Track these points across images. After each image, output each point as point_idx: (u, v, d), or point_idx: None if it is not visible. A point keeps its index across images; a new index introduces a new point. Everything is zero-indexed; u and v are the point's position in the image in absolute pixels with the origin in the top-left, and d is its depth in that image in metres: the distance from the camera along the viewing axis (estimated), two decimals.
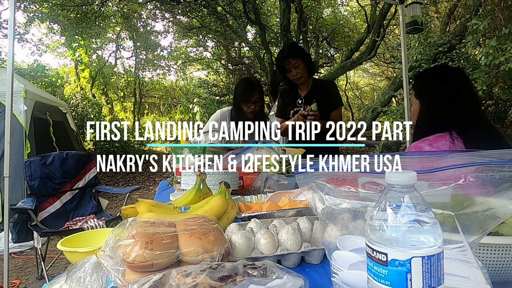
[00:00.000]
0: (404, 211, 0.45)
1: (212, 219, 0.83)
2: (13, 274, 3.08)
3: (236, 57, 12.09)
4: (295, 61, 2.28)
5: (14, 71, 2.42)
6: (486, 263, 0.62)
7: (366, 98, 17.04)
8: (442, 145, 1.31)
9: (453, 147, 1.31)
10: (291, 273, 0.58)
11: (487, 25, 4.34)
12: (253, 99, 2.35)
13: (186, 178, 1.54)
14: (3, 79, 2.77)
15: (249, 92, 2.36)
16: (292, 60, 2.28)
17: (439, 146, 1.31)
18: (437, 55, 5.77)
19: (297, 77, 2.33)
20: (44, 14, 9.36)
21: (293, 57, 2.28)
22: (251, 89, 2.37)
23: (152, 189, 7.05)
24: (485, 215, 0.55)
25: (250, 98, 2.35)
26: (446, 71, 1.56)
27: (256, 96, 2.36)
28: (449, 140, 1.31)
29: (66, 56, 13.15)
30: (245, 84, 2.47)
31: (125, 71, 15.18)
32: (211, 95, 12.01)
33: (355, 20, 12.13)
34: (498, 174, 0.55)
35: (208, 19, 9.95)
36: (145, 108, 16.99)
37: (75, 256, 1.33)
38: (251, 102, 2.35)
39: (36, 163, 3.03)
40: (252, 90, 2.36)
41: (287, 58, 2.29)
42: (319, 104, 2.25)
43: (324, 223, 0.69)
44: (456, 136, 1.32)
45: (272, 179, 1.56)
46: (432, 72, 1.67)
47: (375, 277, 0.47)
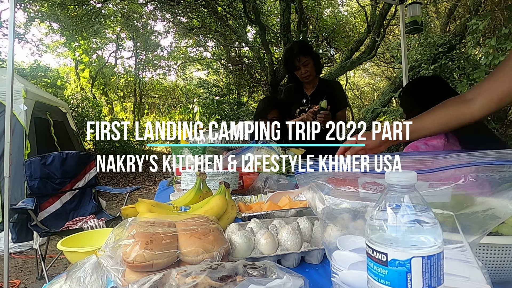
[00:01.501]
0: (404, 211, 0.45)
1: (212, 219, 0.83)
2: (13, 274, 3.07)
3: (236, 57, 12.09)
4: (305, 58, 2.27)
5: (14, 71, 2.42)
6: (486, 263, 0.62)
7: (366, 98, 17.03)
8: (437, 143, 1.34)
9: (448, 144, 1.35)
10: (291, 273, 0.58)
11: (487, 25, 4.35)
12: (269, 117, 2.45)
13: (186, 178, 1.54)
14: (3, 79, 2.77)
15: (265, 110, 2.47)
16: (302, 57, 2.27)
17: (434, 144, 1.34)
18: (437, 55, 5.78)
19: (306, 75, 2.32)
20: (44, 13, 9.36)
21: (304, 54, 2.27)
22: (267, 107, 2.48)
23: (152, 189, 7.05)
24: (485, 215, 0.55)
25: (266, 115, 2.46)
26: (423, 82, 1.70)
27: (273, 114, 2.45)
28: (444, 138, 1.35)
29: (66, 56, 13.15)
30: (264, 102, 2.63)
31: (125, 71, 15.18)
32: (211, 95, 12.00)
33: (355, 20, 12.12)
34: (498, 174, 0.55)
35: (208, 19, 9.94)
36: (145, 108, 16.98)
37: (75, 256, 1.33)
38: (267, 120, 2.45)
39: (36, 163, 3.03)
40: (269, 108, 2.46)
41: (298, 55, 2.28)
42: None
43: (324, 223, 0.69)
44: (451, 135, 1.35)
45: (272, 179, 1.56)
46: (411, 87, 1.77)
47: (375, 277, 0.47)
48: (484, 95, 0.94)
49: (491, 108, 0.94)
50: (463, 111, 0.96)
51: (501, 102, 0.93)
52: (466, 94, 0.99)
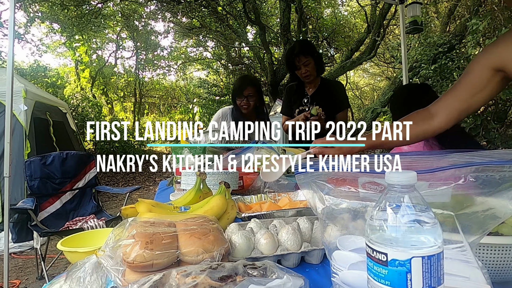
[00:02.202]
0: (404, 211, 0.45)
1: (212, 219, 0.83)
2: (13, 274, 3.07)
3: (236, 57, 12.09)
4: (306, 59, 2.26)
5: (14, 71, 2.42)
6: (486, 263, 0.62)
7: (366, 98, 17.03)
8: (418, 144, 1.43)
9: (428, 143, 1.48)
10: (291, 273, 0.58)
11: (487, 25, 4.35)
12: (245, 93, 2.41)
13: (186, 178, 1.54)
14: (3, 79, 2.77)
15: (241, 87, 2.43)
16: (303, 57, 2.26)
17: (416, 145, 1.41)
18: (437, 55, 5.77)
19: (306, 75, 2.31)
20: (44, 13, 9.37)
21: (304, 54, 2.26)
22: (243, 84, 2.45)
23: (152, 189, 7.05)
24: (485, 215, 0.55)
25: (243, 92, 2.41)
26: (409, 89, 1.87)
27: (248, 90, 2.41)
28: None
29: (66, 56, 13.16)
30: (239, 79, 2.64)
31: (125, 71, 15.19)
32: (211, 95, 12.01)
33: (355, 20, 12.12)
34: (498, 174, 0.55)
35: (208, 19, 9.94)
36: (145, 108, 16.98)
37: (75, 256, 1.33)
38: (243, 97, 2.42)
39: (36, 163, 3.03)
40: (244, 84, 2.43)
41: (298, 55, 2.27)
42: (325, 105, 2.24)
43: (324, 223, 0.69)
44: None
45: None
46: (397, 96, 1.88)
47: (375, 277, 0.47)
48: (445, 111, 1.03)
49: (451, 122, 1.03)
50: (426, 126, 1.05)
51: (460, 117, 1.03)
52: (430, 107, 1.06)
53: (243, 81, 2.51)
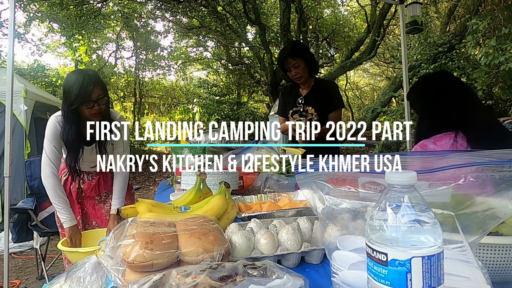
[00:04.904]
0: (404, 211, 0.45)
1: (212, 219, 0.83)
2: (13, 274, 3.07)
3: (236, 57, 12.09)
4: (294, 61, 2.28)
5: (14, 71, 2.42)
6: (486, 263, 0.62)
7: (366, 98, 17.03)
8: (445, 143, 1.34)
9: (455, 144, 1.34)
10: (291, 273, 0.58)
11: (487, 25, 4.34)
12: (94, 97, 1.73)
13: (186, 178, 1.55)
14: (3, 79, 2.77)
15: (87, 90, 1.72)
16: (291, 60, 2.28)
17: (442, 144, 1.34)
18: (437, 55, 5.77)
19: (297, 77, 2.32)
20: (44, 13, 9.36)
21: (293, 57, 2.27)
22: (89, 85, 1.73)
23: (152, 189, 7.06)
24: (485, 215, 0.55)
25: (91, 96, 1.72)
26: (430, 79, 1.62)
27: (97, 92, 1.74)
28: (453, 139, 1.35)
29: (66, 56, 13.15)
30: (80, 79, 1.73)
31: (125, 71, 15.18)
32: (211, 95, 11.99)
33: (355, 20, 12.12)
34: (498, 174, 0.55)
35: (208, 19, 9.94)
36: (145, 108, 16.98)
37: (75, 256, 1.33)
38: (92, 102, 1.73)
39: (36, 163, 3.02)
40: (90, 85, 1.73)
41: (287, 58, 2.28)
42: (319, 105, 2.25)
43: (324, 223, 0.69)
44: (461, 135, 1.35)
45: (272, 179, 1.56)
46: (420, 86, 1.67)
47: (375, 277, 0.47)
48: None
49: None
50: None
51: None
52: None
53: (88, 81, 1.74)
